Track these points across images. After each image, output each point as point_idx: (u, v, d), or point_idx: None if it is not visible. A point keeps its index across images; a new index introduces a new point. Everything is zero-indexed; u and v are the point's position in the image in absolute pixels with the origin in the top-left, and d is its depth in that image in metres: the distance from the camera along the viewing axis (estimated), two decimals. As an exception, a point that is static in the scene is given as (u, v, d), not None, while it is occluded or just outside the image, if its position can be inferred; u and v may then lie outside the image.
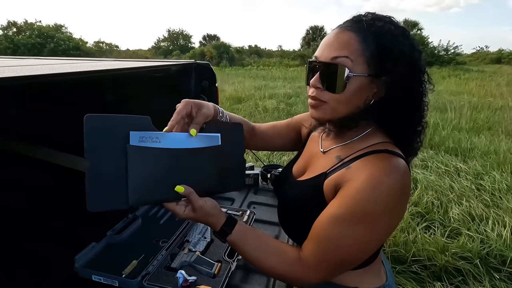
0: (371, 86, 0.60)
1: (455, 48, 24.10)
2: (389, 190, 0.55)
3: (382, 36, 0.58)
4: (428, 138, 4.23)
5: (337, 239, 0.57)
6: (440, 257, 1.95)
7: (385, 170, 0.56)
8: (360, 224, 0.55)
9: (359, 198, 0.55)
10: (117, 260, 0.88)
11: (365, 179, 0.56)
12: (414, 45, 0.61)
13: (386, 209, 0.55)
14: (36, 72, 0.78)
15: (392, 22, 0.61)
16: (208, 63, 1.62)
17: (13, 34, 27.66)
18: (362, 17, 0.63)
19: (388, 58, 0.58)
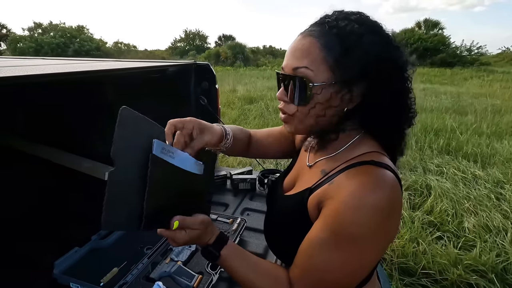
0: (342, 94, 0.54)
1: (478, 48, 23.14)
2: (374, 209, 0.49)
3: (344, 38, 0.52)
4: (444, 142, 4.05)
5: (323, 265, 0.53)
6: (452, 270, 1.83)
7: (369, 186, 0.50)
8: (345, 248, 0.51)
9: (341, 220, 0.50)
10: (99, 267, 0.85)
11: (346, 198, 0.50)
12: (387, 42, 0.54)
13: (371, 230, 0.50)
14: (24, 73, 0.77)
15: (359, 19, 0.55)
16: (207, 64, 1.59)
17: (38, 35, 28.93)
18: (326, 18, 0.56)
19: (354, 61, 0.52)
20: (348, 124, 0.58)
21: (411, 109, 0.60)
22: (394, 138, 0.60)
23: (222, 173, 1.53)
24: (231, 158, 3.69)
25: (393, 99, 0.56)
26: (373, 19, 0.57)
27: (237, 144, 0.77)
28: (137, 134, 0.49)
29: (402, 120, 0.59)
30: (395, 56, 0.55)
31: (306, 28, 0.58)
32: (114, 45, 32.90)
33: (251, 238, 1.06)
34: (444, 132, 4.49)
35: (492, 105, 6.61)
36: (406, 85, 0.58)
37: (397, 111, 0.57)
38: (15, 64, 1.21)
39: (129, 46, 34.34)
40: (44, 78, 0.80)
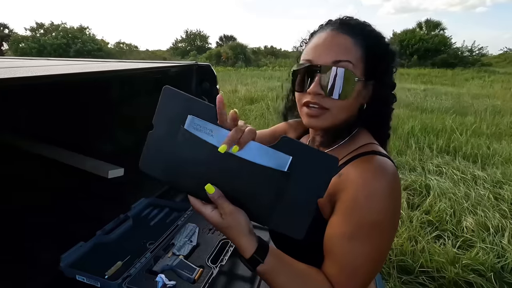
0: (365, 90, 0.62)
1: (480, 49, 23.13)
2: (385, 193, 0.54)
3: (372, 40, 0.60)
4: (444, 143, 4.06)
5: (355, 257, 0.54)
6: (449, 269, 1.86)
7: (376, 174, 0.55)
8: (372, 236, 0.54)
9: (360, 210, 0.54)
10: (103, 261, 0.88)
11: (359, 188, 0.55)
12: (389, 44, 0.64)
13: (389, 213, 0.55)
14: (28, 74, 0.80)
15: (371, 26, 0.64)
16: (208, 65, 1.61)
17: (40, 35, 29.01)
18: (349, 20, 0.63)
19: (377, 61, 0.60)
20: (361, 121, 0.65)
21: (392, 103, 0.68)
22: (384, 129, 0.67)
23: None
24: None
25: (389, 95, 0.65)
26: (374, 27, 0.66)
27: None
28: (176, 109, 0.54)
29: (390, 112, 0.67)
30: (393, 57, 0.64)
31: (326, 26, 0.63)
32: (116, 45, 32.97)
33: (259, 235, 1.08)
34: (444, 133, 4.51)
35: (492, 106, 6.62)
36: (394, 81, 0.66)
37: (391, 104, 0.66)
38: (22, 65, 1.25)
39: (130, 47, 34.41)
40: (51, 79, 0.83)
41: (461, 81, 12.95)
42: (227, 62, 24.36)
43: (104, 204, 1.15)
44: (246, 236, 0.51)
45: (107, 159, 1.25)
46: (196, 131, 0.52)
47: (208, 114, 0.52)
